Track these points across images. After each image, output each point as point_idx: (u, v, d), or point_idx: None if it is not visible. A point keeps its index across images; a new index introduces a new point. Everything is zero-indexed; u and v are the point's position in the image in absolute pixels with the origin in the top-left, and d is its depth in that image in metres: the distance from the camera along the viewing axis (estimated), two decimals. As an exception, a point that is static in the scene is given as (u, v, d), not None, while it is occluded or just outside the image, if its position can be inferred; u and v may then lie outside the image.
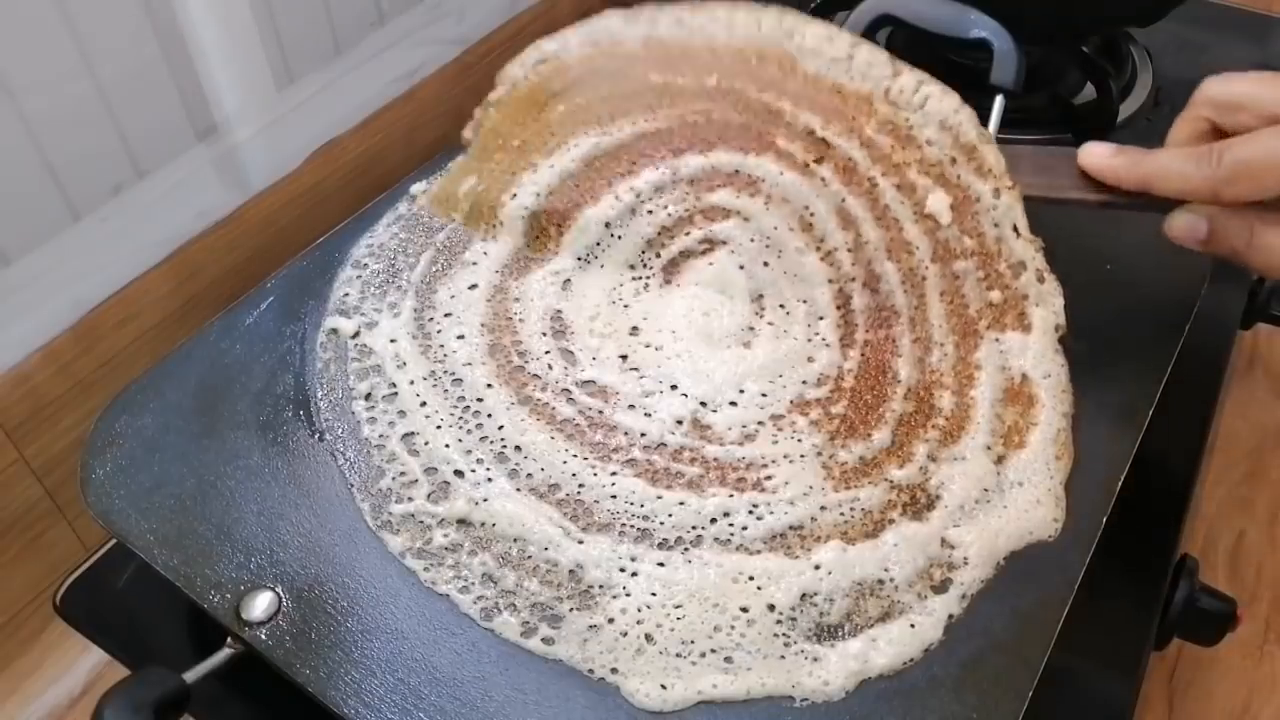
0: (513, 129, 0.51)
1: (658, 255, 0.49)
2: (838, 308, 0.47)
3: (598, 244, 0.49)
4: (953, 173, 0.47)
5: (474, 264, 0.50)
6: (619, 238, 0.49)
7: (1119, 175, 0.43)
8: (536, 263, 0.50)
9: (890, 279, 0.47)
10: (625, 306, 0.48)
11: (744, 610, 0.37)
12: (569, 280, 0.49)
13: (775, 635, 0.37)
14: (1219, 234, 0.41)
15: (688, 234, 0.49)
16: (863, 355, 0.46)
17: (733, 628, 0.37)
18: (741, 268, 0.48)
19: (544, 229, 0.50)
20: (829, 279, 0.47)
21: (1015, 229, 0.46)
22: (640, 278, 0.49)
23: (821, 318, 0.47)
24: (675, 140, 0.49)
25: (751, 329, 0.47)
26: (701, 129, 0.49)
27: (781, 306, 0.47)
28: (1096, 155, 0.44)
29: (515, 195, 0.50)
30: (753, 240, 0.48)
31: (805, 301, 0.47)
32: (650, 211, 0.49)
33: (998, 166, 0.47)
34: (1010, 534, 0.40)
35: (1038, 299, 0.46)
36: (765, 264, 0.48)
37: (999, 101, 0.59)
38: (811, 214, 0.47)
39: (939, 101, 0.48)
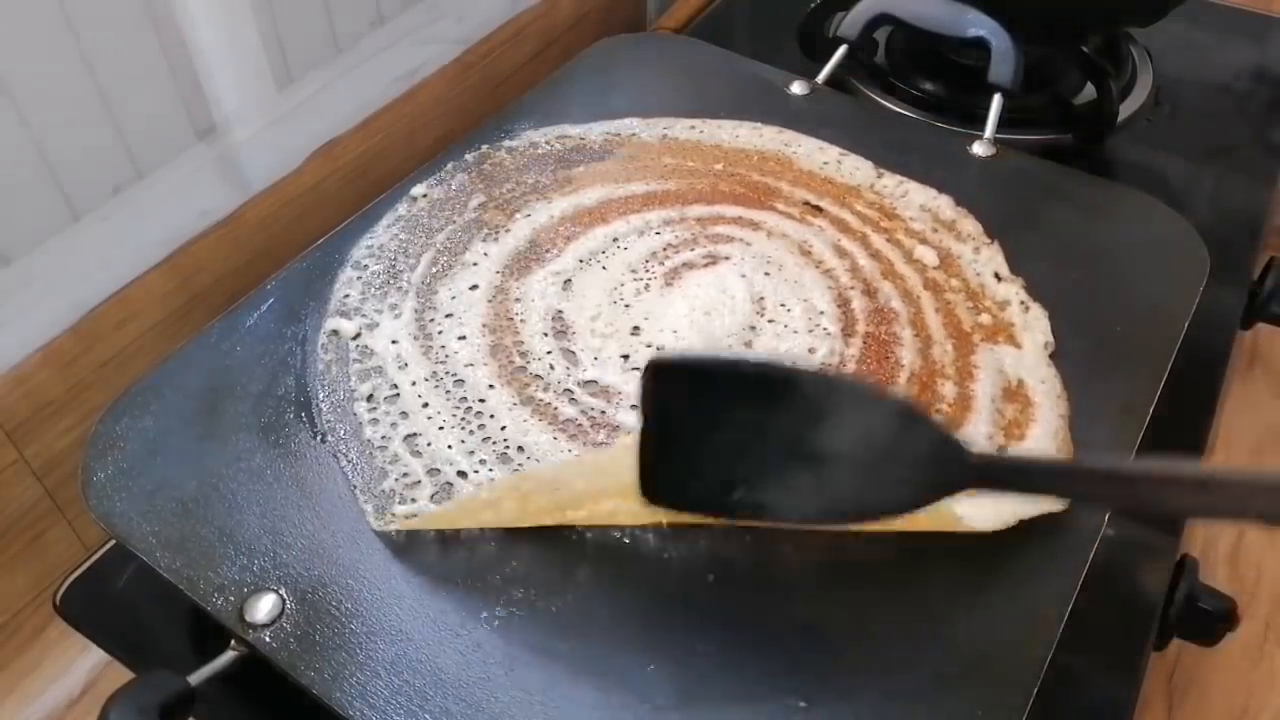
0: (525, 174, 0.56)
1: (661, 264, 0.50)
2: (838, 306, 0.48)
3: (603, 251, 0.51)
4: (935, 239, 0.53)
5: (474, 265, 0.50)
6: (624, 248, 0.51)
7: None
8: (537, 263, 0.50)
9: (887, 291, 0.49)
10: (626, 306, 0.48)
11: None
12: (570, 280, 0.49)
13: None
14: None
15: (692, 250, 0.51)
16: (865, 344, 0.46)
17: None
18: (744, 276, 0.49)
19: (541, 244, 0.51)
20: (828, 286, 0.49)
21: (996, 275, 0.50)
22: (641, 279, 0.49)
23: (822, 312, 0.48)
24: (684, 198, 0.55)
25: (753, 328, 0.47)
26: (707, 193, 0.55)
27: (783, 305, 0.48)
28: None
29: (529, 215, 0.53)
30: (754, 258, 0.50)
31: (806, 300, 0.48)
32: (658, 233, 0.52)
33: (975, 231, 0.52)
34: (1016, 504, 0.40)
35: (1025, 325, 0.48)
36: (766, 274, 0.49)
37: (997, 100, 0.60)
38: (809, 246, 0.51)
39: (919, 193, 0.55)
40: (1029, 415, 0.44)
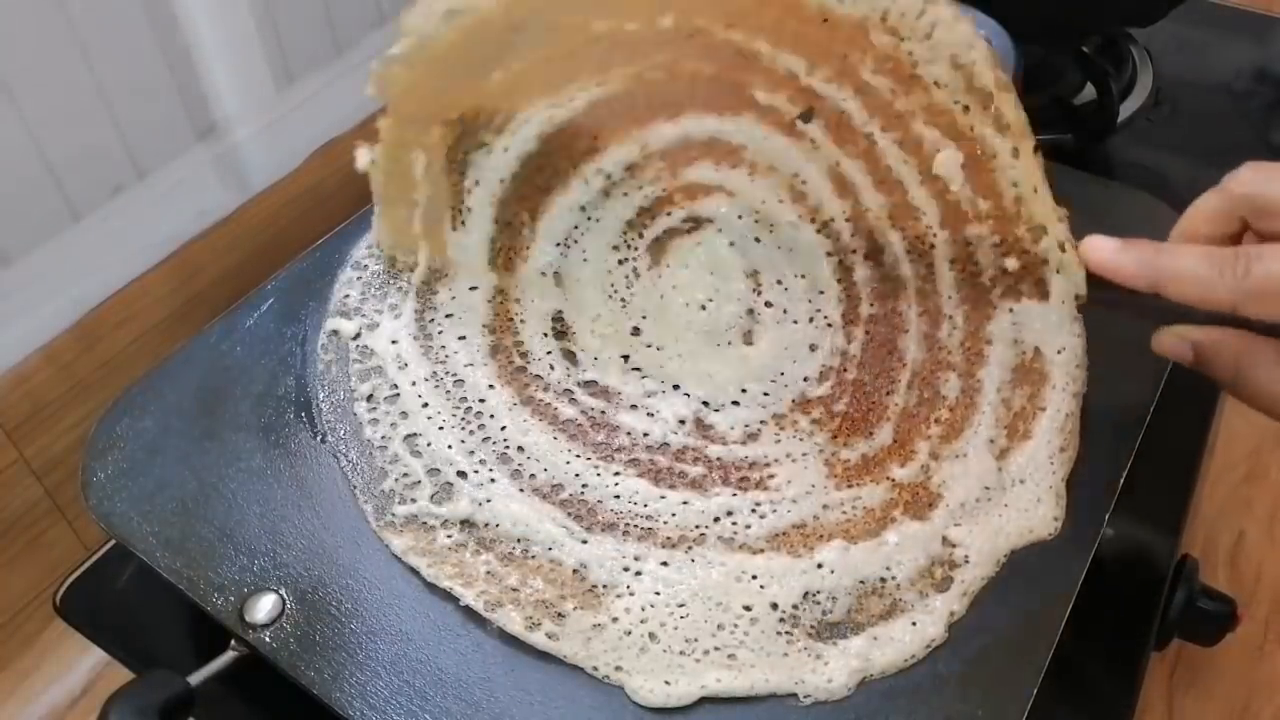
0: (448, 89, 0.45)
1: (640, 235, 0.46)
2: (839, 280, 0.44)
3: (575, 227, 0.46)
4: (965, 122, 0.40)
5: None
6: (596, 220, 0.46)
7: (1127, 273, 0.37)
8: (520, 259, 0.48)
9: (894, 249, 0.43)
10: (623, 303, 0.47)
11: (747, 609, 0.37)
12: (558, 273, 0.47)
13: (778, 633, 0.37)
14: (1204, 363, 0.38)
15: (669, 214, 0.45)
16: (867, 334, 0.44)
17: (736, 626, 0.37)
18: (732, 244, 0.45)
19: (513, 219, 0.47)
20: (827, 251, 0.44)
21: (1036, 190, 0.41)
22: (626, 260, 0.46)
23: (822, 291, 0.45)
24: (637, 106, 0.43)
25: (751, 312, 0.45)
26: (665, 88, 0.42)
27: (779, 282, 0.45)
28: (1101, 250, 0.38)
29: (478, 182, 0.47)
30: (740, 218, 0.44)
31: (804, 276, 0.45)
32: (625, 194, 0.45)
33: (1017, 122, 0.40)
34: (1011, 532, 0.40)
35: (1059, 265, 0.41)
36: (757, 239, 0.45)
37: (998, 101, 0.60)
38: (803, 182, 0.43)
39: (949, 31, 0.40)
40: (1038, 402, 0.42)
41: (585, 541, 0.39)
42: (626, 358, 0.46)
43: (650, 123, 0.43)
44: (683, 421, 0.43)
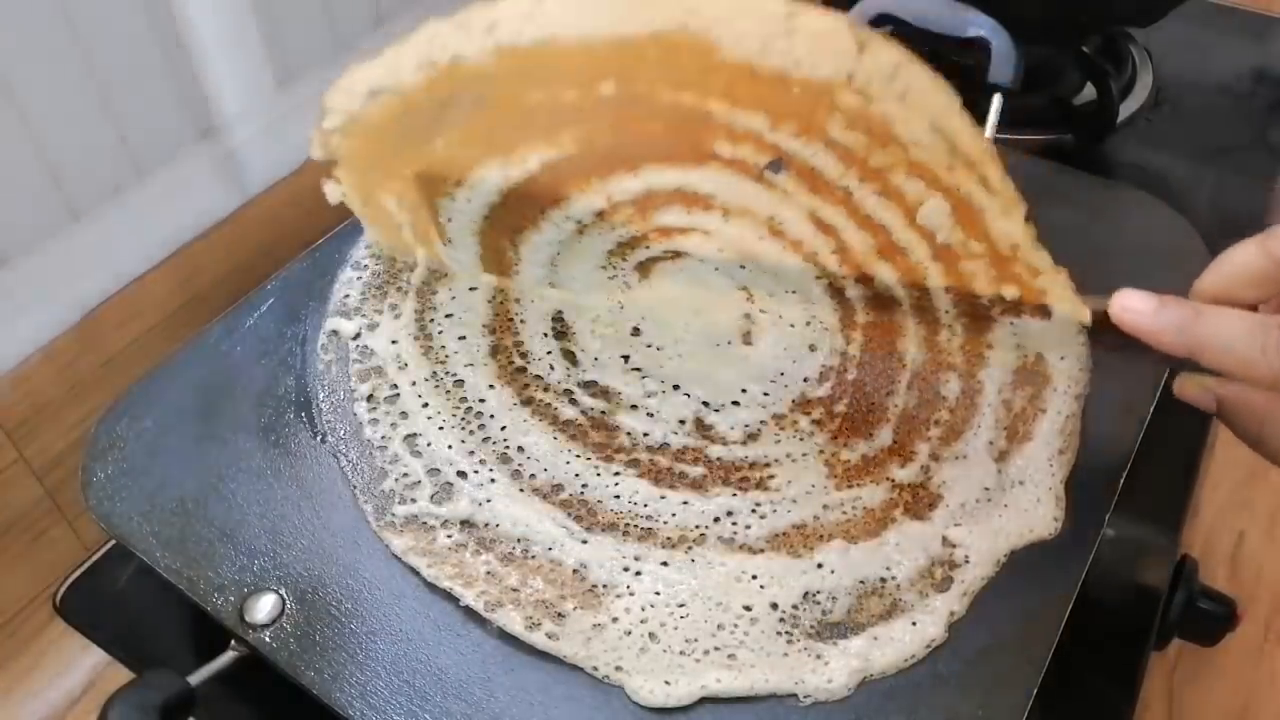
0: (393, 156, 0.43)
1: (624, 259, 0.46)
2: (832, 299, 0.44)
3: (558, 254, 0.46)
4: (950, 180, 0.37)
5: (475, 264, 0.50)
6: (577, 253, 0.46)
7: (1165, 340, 0.34)
8: (513, 272, 0.48)
9: (886, 277, 0.41)
10: (622, 306, 0.48)
11: (747, 609, 0.37)
12: (552, 282, 0.48)
13: (778, 633, 0.37)
14: (1227, 418, 0.37)
15: (648, 248, 0.45)
16: (866, 336, 0.44)
17: (736, 626, 0.37)
18: (717, 269, 0.45)
19: (496, 245, 0.47)
20: (816, 276, 0.43)
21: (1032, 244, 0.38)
22: (615, 276, 0.47)
23: (814, 302, 0.45)
24: (595, 162, 0.40)
25: (747, 316, 0.46)
26: (619, 149, 0.40)
27: (770, 295, 0.45)
28: (1137, 310, 0.35)
29: (451, 219, 0.46)
30: (721, 251, 0.43)
31: (795, 292, 0.45)
32: (600, 233, 0.44)
33: (1005, 191, 0.36)
34: (1011, 532, 0.40)
35: (1059, 298, 0.39)
36: (742, 266, 0.44)
37: (997, 100, 0.60)
38: (780, 223, 0.41)
39: (925, 97, 0.35)
40: (1039, 404, 0.43)
41: (585, 541, 0.39)
42: (627, 358, 0.46)
43: (611, 175, 0.41)
44: (683, 422, 0.43)
